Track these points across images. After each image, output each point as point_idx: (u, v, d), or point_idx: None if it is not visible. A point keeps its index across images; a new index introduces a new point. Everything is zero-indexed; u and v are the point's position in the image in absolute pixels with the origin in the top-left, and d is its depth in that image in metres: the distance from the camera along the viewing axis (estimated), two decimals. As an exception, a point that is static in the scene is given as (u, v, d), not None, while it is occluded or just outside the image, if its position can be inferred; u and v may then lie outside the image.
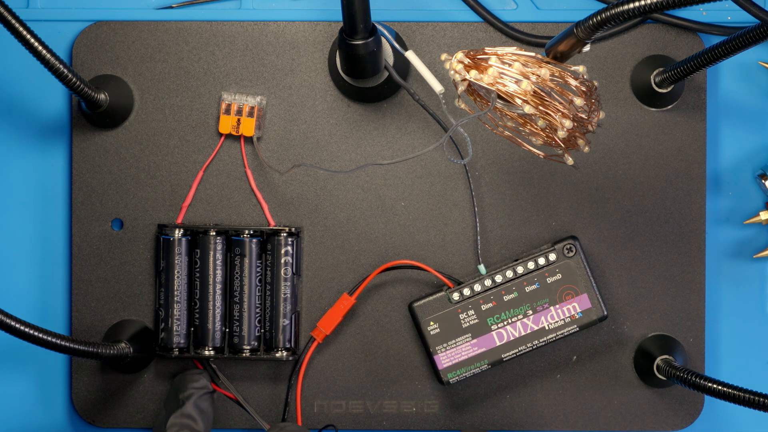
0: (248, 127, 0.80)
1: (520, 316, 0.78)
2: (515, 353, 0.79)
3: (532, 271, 0.79)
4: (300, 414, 0.81)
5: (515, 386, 0.81)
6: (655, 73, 0.79)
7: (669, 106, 0.80)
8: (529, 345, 0.79)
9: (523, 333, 0.78)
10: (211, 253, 0.79)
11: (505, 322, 0.78)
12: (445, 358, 0.79)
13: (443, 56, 0.68)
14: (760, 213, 0.81)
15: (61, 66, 0.72)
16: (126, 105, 0.80)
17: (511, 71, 0.66)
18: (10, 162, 0.82)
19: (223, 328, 0.79)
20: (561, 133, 0.66)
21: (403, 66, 0.79)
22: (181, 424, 0.73)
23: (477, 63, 0.66)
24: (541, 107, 0.66)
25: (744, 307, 0.82)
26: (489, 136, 0.81)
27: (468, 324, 0.79)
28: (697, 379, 0.73)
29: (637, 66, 0.80)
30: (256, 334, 0.79)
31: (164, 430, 0.73)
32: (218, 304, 0.79)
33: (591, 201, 0.81)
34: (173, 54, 0.81)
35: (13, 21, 0.70)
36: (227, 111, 0.80)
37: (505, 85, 0.66)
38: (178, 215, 0.81)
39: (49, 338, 0.70)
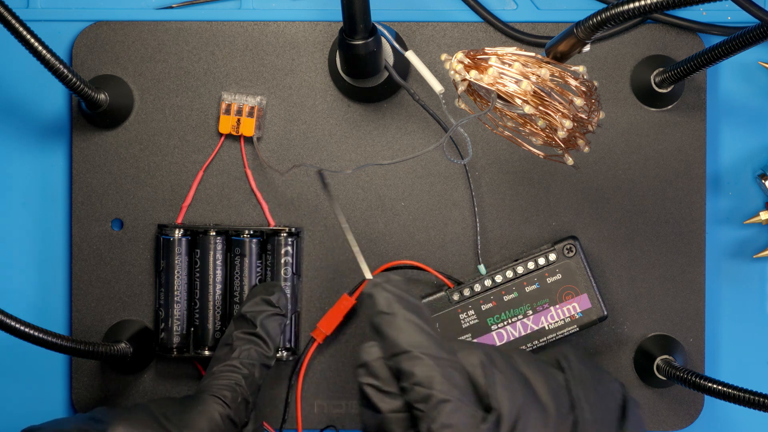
0: (248, 127, 0.80)
1: (520, 317, 0.78)
2: (515, 353, 0.79)
3: (532, 271, 0.79)
4: (300, 414, 0.81)
5: (515, 386, 0.81)
6: (655, 73, 0.79)
7: (669, 106, 0.80)
8: (529, 345, 0.79)
9: (523, 333, 0.78)
10: (211, 253, 0.79)
11: (505, 322, 0.78)
12: (445, 358, 0.79)
13: (443, 56, 0.68)
14: (760, 213, 0.81)
15: (61, 66, 0.72)
16: (126, 105, 0.80)
17: (511, 71, 0.66)
18: (10, 162, 0.82)
19: (223, 328, 0.79)
20: (561, 133, 0.66)
21: (403, 66, 0.79)
22: (247, 339, 0.73)
23: (477, 63, 0.66)
24: (541, 107, 0.66)
25: (744, 307, 0.82)
26: (489, 136, 0.81)
27: (468, 324, 0.79)
28: (697, 379, 0.73)
29: (637, 66, 0.80)
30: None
31: (231, 341, 0.73)
32: (218, 304, 0.79)
33: (591, 201, 0.81)
34: (173, 54, 0.81)
35: (13, 21, 0.70)
36: (227, 111, 0.80)
37: (505, 85, 0.66)
38: (178, 215, 0.81)
39: (49, 338, 0.70)
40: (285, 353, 0.79)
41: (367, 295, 0.66)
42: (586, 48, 0.66)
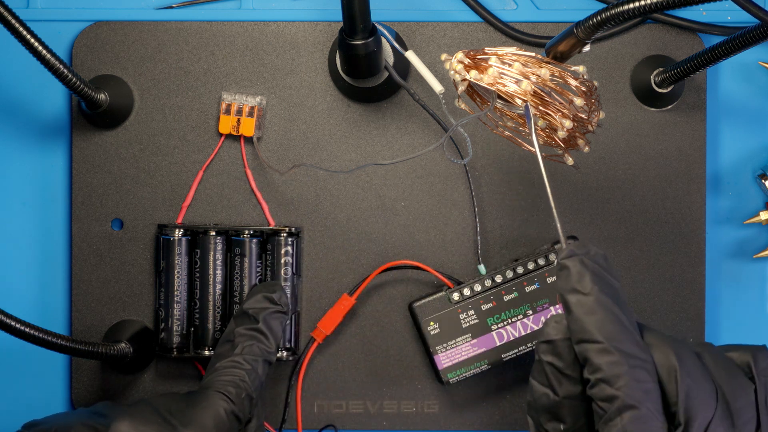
0: (248, 127, 0.80)
1: (520, 316, 0.78)
2: (515, 353, 0.79)
3: (532, 271, 0.78)
4: (300, 414, 0.81)
5: (515, 386, 0.81)
6: (655, 73, 0.79)
7: (669, 106, 0.80)
8: (529, 345, 0.79)
9: (523, 333, 0.78)
10: (211, 253, 0.79)
11: (505, 322, 0.78)
12: (445, 358, 0.79)
13: (443, 56, 0.68)
14: (760, 213, 0.81)
15: (61, 66, 0.72)
16: (126, 105, 0.80)
17: (511, 71, 0.66)
18: (10, 162, 0.82)
19: (223, 328, 0.79)
20: (561, 133, 0.66)
21: (403, 66, 0.79)
22: (250, 335, 0.73)
23: (477, 63, 0.66)
24: (541, 107, 0.66)
25: (744, 307, 0.82)
26: (489, 136, 0.81)
27: (468, 324, 0.79)
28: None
29: (637, 66, 0.80)
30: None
31: (232, 338, 0.73)
32: (218, 304, 0.79)
33: (591, 201, 0.81)
34: (173, 54, 0.81)
35: (13, 21, 0.70)
36: (227, 111, 0.80)
37: (505, 85, 0.66)
38: (178, 215, 0.81)
39: (49, 338, 0.70)
40: (285, 353, 0.79)
41: (561, 265, 0.60)
42: (586, 48, 0.66)
